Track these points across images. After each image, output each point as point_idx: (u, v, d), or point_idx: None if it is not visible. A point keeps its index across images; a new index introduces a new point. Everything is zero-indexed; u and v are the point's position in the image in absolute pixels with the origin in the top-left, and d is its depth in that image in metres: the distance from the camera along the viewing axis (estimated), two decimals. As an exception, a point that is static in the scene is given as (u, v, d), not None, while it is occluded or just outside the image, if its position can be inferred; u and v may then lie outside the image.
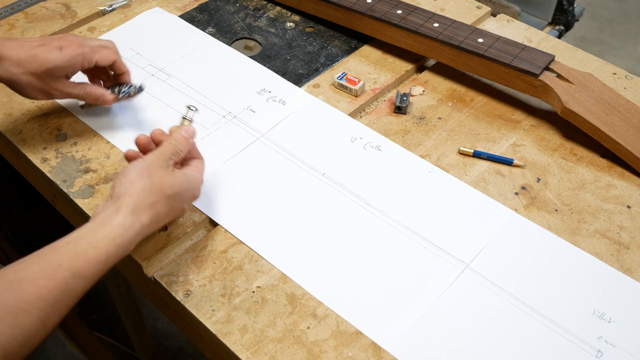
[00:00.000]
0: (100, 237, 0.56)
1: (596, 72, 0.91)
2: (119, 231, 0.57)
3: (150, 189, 0.60)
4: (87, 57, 0.73)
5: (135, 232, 0.58)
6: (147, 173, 0.60)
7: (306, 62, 0.93)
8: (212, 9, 1.03)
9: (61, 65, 0.71)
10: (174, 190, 0.62)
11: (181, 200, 0.63)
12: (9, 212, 1.45)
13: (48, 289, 0.51)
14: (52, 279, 0.52)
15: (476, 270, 0.67)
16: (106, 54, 0.75)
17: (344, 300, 0.65)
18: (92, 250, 0.55)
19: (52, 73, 0.71)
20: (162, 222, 0.62)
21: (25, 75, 0.70)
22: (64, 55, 0.71)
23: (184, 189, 0.63)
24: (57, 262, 0.53)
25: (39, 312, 0.50)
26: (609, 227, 0.72)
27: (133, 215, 0.58)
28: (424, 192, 0.75)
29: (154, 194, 0.60)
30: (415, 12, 0.90)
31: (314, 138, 0.81)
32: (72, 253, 0.54)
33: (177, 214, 0.65)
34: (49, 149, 0.80)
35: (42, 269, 0.52)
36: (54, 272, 0.52)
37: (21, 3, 1.02)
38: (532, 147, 0.81)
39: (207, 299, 0.65)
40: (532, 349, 0.61)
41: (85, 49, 0.73)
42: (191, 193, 0.65)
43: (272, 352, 0.61)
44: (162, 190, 0.61)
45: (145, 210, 0.59)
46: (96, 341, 1.39)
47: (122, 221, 0.57)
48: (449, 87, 0.90)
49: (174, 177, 0.62)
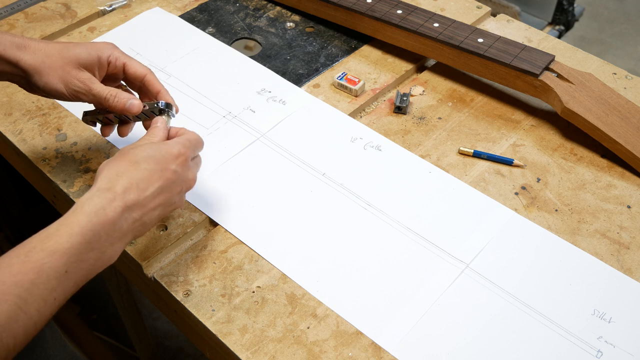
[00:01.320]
0: (68, 214, 0.55)
1: (596, 72, 0.91)
2: (83, 200, 0.55)
3: (115, 164, 0.59)
4: (117, 54, 0.69)
5: (107, 199, 0.55)
6: (114, 158, 0.60)
7: (306, 62, 0.93)
8: (212, 9, 1.03)
9: (87, 51, 0.68)
10: (141, 155, 0.59)
11: (157, 162, 0.60)
12: (9, 212, 1.45)
13: (22, 273, 0.50)
14: (25, 262, 0.50)
15: (476, 270, 0.67)
16: (137, 64, 0.70)
17: (344, 300, 0.65)
18: (62, 227, 0.53)
19: (78, 59, 0.67)
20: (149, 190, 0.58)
21: (49, 58, 0.66)
22: (92, 45, 0.69)
23: (154, 151, 0.60)
24: (30, 245, 0.52)
25: (15, 298, 0.49)
26: (609, 227, 0.72)
27: (100, 186, 0.56)
28: (424, 192, 0.75)
29: (119, 165, 0.58)
30: (415, 12, 0.90)
31: (314, 138, 0.81)
32: (43, 235, 0.53)
33: (168, 176, 0.60)
34: (49, 149, 0.80)
35: (16, 254, 0.51)
36: (27, 255, 0.51)
37: (21, 3, 1.02)
38: (532, 147, 0.81)
39: (207, 299, 0.65)
40: (532, 349, 0.61)
41: (117, 49, 0.70)
42: (167, 153, 0.61)
43: (272, 352, 0.61)
44: (128, 159, 0.59)
45: (116, 179, 0.57)
46: (96, 341, 1.39)
47: (88, 195, 0.56)
48: (449, 87, 0.90)
49: (138, 147, 0.61)
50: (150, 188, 0.58)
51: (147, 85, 0.70)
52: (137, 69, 0.70)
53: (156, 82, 0.70)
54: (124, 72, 0.70)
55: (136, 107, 0.67)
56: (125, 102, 0.67)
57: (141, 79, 0.70)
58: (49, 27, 0.98)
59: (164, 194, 0.60)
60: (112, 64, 0.69)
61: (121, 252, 0.58)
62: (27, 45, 0.66)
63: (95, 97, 0.67)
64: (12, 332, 0.49)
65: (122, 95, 0.67)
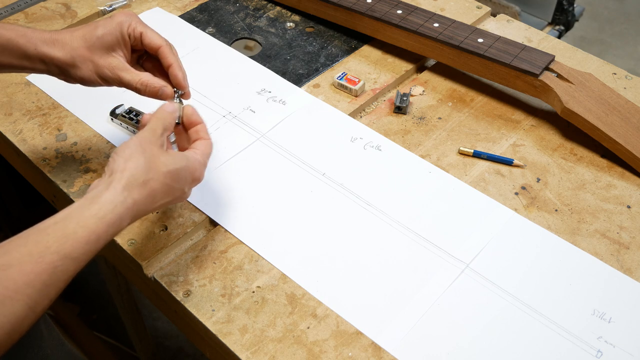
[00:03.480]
0: (89, 215, 0.53)
1: (596, 72, 0.91)
2: (108, 208, 0.54)
3: (144, 166, 0.57)
4: (134, 24, 0.67)
5: (126, 208, 0.55)
6: (141, 149, 0.58)
7: (306, 62, 0.93)
8: (212, 9, 1.03)
9: (109, 30, 0.65)
10: (168, 169, 0.58)
11: (178, 180, 0.60)
12: (9, 212, 1.45)
13: (35, 273, 0.49)
14: (39, 262, 0.49)
15: (476, 270, 0.67)
16: (153, 34, 0.67)
17: (344, 300, 0.65)
18: (81, 230, 0.52)
19: (103, 43, 0.65)
20: (158, 202, 0.59)
21: (76, 51, 0.65)
22: (112, 20, 0.66)
23: (180, 168, 0.60)
24: (45, 245, 0.50)
25: (27, 298, 0.48)
26: (609, 227, 0.72)
27: (124, 191, 0.55)
28: (424, 192, 0.75)
29: (148, 171, 0.57)
30: (415, 12, 0.90)
31: (314, 138, 0.81)
32: (60, 234, 0.51)
33: (177, 195, 0.61)
34: (49, 149, 0.80)
35: (29, 253, 0.50)
36: (42, 256, 0.50)
37: (21, 3, 1.02)
38: (532, 147, 0.81)
39: (207, 299, 0.65)
40: (532, 349, 0.61)
41: (134, 17, 0.67)
42: (190, 174, 0.61)
43: (272, 352, 0.61)
44: (157, 168, 0.58)
45: (138, 187, 0.56)
46: (96, 341, 1.39)
47: (112, 198, 0.54)
48: (449, 87, 0.90)
49: (169, 155, 0.60)
50: (160, 201, 0.59)
51: (161, 57, 0.68)
52: (152, 40, 0.67)
53: (169, 56, 0.67)
54: (141, 42, 0.68)
55: (169, 94, 0.67)
56: (157, 89, 0.66)
57: (156, 51, 0.68)
58: (49, 27, 0.98)
59: (166, 203, 0.61)
60: (131, 36, 0.67)
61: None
62: (55, 40, 0.65)
63: (125, 86, 0.66)
64: (21, 331, 0.49)
65: (152, 84, 0.66)
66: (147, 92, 0.66)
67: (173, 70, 0.67)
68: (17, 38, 0.65)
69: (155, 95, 0.66)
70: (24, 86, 0.88)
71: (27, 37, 0.65)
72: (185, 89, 0.68)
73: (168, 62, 0.67)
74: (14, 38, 0.65)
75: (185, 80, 0.68)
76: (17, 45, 0.65)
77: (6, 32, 0.65)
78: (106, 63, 0.66)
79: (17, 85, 0.89)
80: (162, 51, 0.67)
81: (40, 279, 0.49)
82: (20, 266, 0.49)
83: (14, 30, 0.65)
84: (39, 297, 0.49)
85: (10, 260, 0.49)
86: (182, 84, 0.67)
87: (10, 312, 0.47)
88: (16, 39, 0.65)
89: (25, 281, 0.49)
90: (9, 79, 0.89)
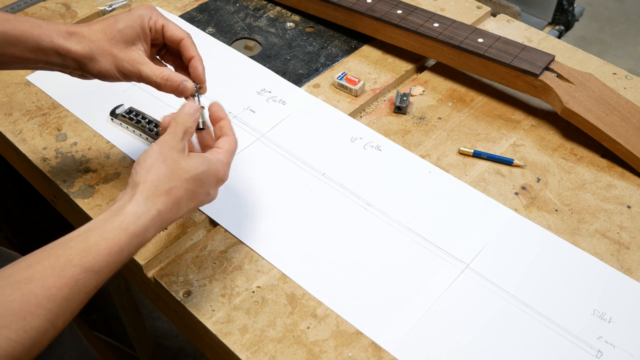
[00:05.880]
0: (111, 227, 0.52)
1: (596, 72, 0.91)
2: (131, 219, 0.53)
3: (166, 174, 0.56)
4: (155, 17, 0.66)
5: (151, 219, 0.54)
6: (162, 158, 0.57)
7: (306, 62, 0.93)
8: (212, 9, 1.03)
9: (129, 23, 0.64)
10: (191, 174, 0.57)
11: (202, 185, 0.59)
12: (9, 212, 1.45)
13: (57, 287, 0.48)
14: (61, 276, 0.49)
15: (476, 270, 0.67)
16: (175, 27, 0.67)
17: (344, 300, 0.65)
18: (103, 242, 0.51)
19: (123, 37, 0.64)
20: (184, 209, 0.58)
21: (95, 44, 0.64)
22: (132, 13, 0.65)
23: (203, 172, 0.58)
24: (67, 258, 0.50)
25: (48, 312, 0.48)
26: (609, 227, 0.72)
27: (148, 202, 0.54)
28: (424, 192, 0.75)
29: (170, 180, 0.56)
30: (415, 12, 0.90)
31: (314, 138, 0.81)
32: (82, 246, 0.51)
33: (202, 199, 0.60)
34: (49, 149, 0.80)
35: (51, 266, 0.49)
36: (63, 269, 0.49)
37: (21, 3, 1.02)
38: (532, 147, 0.81)
39: (207, 299, 0.65)
40: (532, 349, 0.61)
41: (155, 11, 0.66)
42: (214, 176, 0.60)
43: (272, 352, 0.61)
44: (179, 175, 0.57)
45: (161, 197, 0.55)
46: (96, 341, 1.39)
47: (134, 209, 0.54)
48: (449, 87, 0.90)
49: (191, 160, 0.58)
50: (186, 208, 0.59)
51: (182, 50, 0.67)
52: (174, 32, 0.67)
53: (191, 48, 0.67)
54: (162, 35, 0.67)
55: (189, 89, 0.66)
56: (177, 84, 0.65)
57: (178, 43, 0.67)
58: (49, 27, 0.98)
59: (192, 208, 0.60)
60: (152, 29, 0.66)
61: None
62: (73, 33, 0.64)
63: (144, 80, 0.65)
64: (41, 346, 0.48)
65: (173, 78, 0.65)
66: (167, 86, 0.65)
67: (194, 62, 0.67)
68: (32, 30, 0.63)
69: (175, 90, 0.65)
70: (24, 86, 0.88)
71: (42, 29, 0.63)
72: (204, 83, 0.67)
73: (190, 54, 0.67)
74: (28, 30, 0.63)
75: (204, 74, 0.67)
76: (32, 37, 0.63)
77: (20, 24, 0.63)
78: (126, 56, 0.64)
79: (17, 85, 0.89)
80: (184, 43, 0.67)
81: (62, 293, 0.49)
82: (42, 280, 0.48)
83: (28, 22, 0.64)
84: (60, 312, 0.49)
85: (32, 273, 0.49)
86: (201, 77, 0.67)
87: (30, 327, 0.47)
88: (30, 31, 0.63)
89: (47, 295, 0.48)
90: (9, 79, 0.89)
